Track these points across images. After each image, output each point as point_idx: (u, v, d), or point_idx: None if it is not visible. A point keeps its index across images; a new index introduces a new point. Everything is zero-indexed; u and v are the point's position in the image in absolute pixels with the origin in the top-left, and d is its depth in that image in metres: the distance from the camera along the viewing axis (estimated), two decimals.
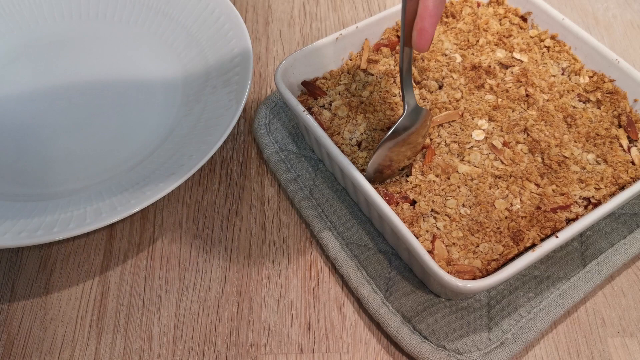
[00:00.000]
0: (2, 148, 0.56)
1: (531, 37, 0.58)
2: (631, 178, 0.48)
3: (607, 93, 0.53)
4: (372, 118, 0.52)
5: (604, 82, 0.54)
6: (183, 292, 0.49)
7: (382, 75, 0.55)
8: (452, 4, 0.60)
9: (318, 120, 0.53)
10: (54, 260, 0.51)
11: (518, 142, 0.50)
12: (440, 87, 0.54)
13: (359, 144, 0.51)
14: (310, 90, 0.55)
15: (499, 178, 0.48)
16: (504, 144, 0.50)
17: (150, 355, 0.46)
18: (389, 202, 0.47)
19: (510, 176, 0.48)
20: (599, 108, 0.53)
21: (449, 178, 0.48)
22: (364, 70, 0.56)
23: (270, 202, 0.55)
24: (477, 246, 0.45)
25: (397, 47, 0.58)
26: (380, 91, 0.54)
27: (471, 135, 0.50)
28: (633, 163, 0.49)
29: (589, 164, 0.49)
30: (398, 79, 0.55)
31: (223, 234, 0.53)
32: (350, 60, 0.58)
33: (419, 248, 0.43)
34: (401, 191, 0.48)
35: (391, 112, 0.52)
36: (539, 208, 0.46)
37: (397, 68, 0.56)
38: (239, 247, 0.52)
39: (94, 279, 0.50)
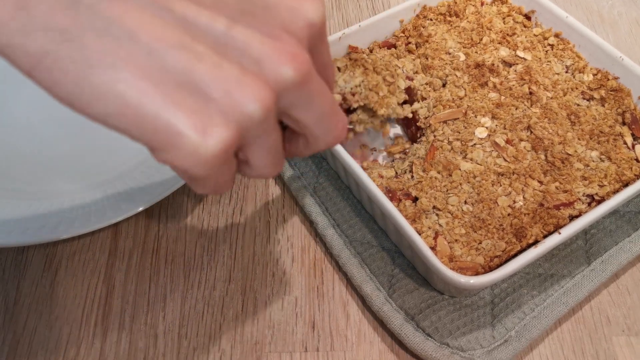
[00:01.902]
0: (8, 147, 0.57)
1: (535, 35, 0.58)
2: (635, 175, 0.48)
3: (611, 90, 0.53)
4: (371, 78, 0.51)
5: (608, 79, 0.54)
6: (188, 291, 0.50)
7: (387, 55, 0.56)
8: (456, 2, 0.60)
9: None
10: (59, 259, 0.51)
11: (521, 140, 0.50)
12: (444, 85, 0.54)
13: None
14: None
15: (502, 175, 0.48)
16: (507, 141, 0.50)
17: (155, 354, 0.46)
18: (391, 199, 0.47)
19: (513, 173, 0.48)
20: (603, 105, 0.53)
21: (450, 175, 0.48)
22: (370, 51, 0.58)
23: (275, 201, 0.55)
24: (480, 243, 0.45)
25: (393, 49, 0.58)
26: (382, 59, 0.54)
27: (474, 133, 0.50)
28: (637, 160, 0.49)
29: (593, 161, 0.49)
30: (402, 59, 0.56)
31: (227, 232, 0.53)
32: None
33: (422, 245, 0.43)
34: (403, 188, 0.48)
35: (390, 79, 0.51)
36: (541, 205, 0.46)
37: (398, 60, 0.57)
38: (243, 245, 0.52)
39: (99, 277, 0.50)
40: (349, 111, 0.51)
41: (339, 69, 0.51)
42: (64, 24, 0.23)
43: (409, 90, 0.53)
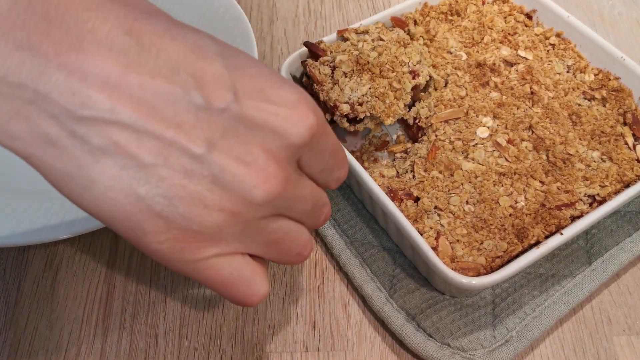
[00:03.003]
0: None
1: (536, 34, 0.58)
2: (636, 176, 0.48)
3: (612, 91, 0.53)
4: (377, 84, 0.50)
5: (609, 79, 0.54)
6: (188, 291, 0.50)
7: (394, 42, 0.53)
8: (457, 1, 0.60)
9: (312, 73, 0.51)
10: (60, 259, 0.51)
11: (523, 140, 0.50)
12: (445, 85, 0.54)
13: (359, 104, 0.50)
14: (312, 50, 0.53)
15: (504, 175, 0.48)
16: (509, 141, 0.50)
17: (156, 354, 0.46)
18: (393, 199, 0.47)
19: (515, 173, 0.48)
20: (604, 106, 0.53)
21: (452, 175, 0.48)
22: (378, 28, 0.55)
23: None
24: (481, 243, 0.45)
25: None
26: (389, 55, 0.52)
27: (475, 133, 0.50)
28: (638, 161, 0.49)
29: (594, 161, 0.49)
30: (409, 49, 0.53)
31: None
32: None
33: (424, 245, 0.43)
34: (405, 188, 0.48)
35: (397, 85, 0.50)
36: (543, 205, 0.46)
37: (410, 39, 0.55)
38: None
39: (99, 277, 0.50)
40: (355, 120, 0.51)
41: (345, 74, 0.51)
42: (52, 134, 0.25)
43: (415, 88, 0.52)
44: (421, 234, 0.44)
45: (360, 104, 0.50)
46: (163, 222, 0.26)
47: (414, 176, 0.49)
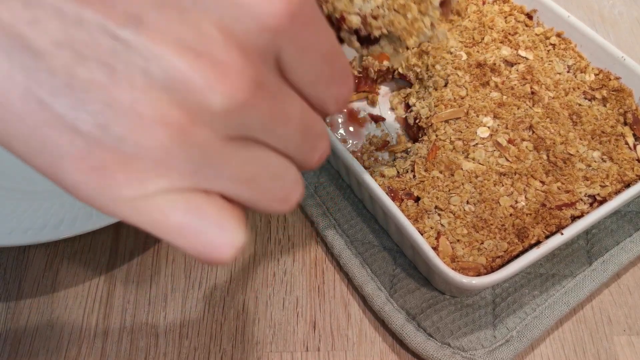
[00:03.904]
0: None
1: (537, 34, 0.58)
2: (637, 176, 0.48)
3: (612, 90, 0.53)
4: None
5: (610, 79, 0.54)
6: (189, 290, 0.50)
7: None
8: (457, 1, 0.60)
9: None
10: (60, 259, 0.51)
11: (523, 140, 0.50)
12: (445, 85, 0.54)
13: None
14: None
15: (504, 175, 0.48)
16: (509, 141, 0.49)
17: (156, 353, 0.46)
18: (393, 199, 0.47)
19: (515, 173, 0.48)
20: (605, 105, 0.53)
21: (452, 175, 0.48)
22: None
23: None
24: (482, 243, 0.45)
25: None
26: None
27: (476, 133, 0.50)
28: (639, 160, 0.49)
29: (595, 161, 0.49)
30: None
31: None
32: None
33: (424, 245, 0.43)
34: (405, 188, 0.48)
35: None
36: (544, 205, 0.46)
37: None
38: (244, 245, 0.52)
39: (100, 277, 0.50)
40: (368, 40, 0.41)
41: None
42: None
43: (443, 4, 0.41)
44: (421, 234, 0.44)
45: (375, 17, 0.39)
46: (83, 141, 0.18)
47: (414, 176, 0.49)
